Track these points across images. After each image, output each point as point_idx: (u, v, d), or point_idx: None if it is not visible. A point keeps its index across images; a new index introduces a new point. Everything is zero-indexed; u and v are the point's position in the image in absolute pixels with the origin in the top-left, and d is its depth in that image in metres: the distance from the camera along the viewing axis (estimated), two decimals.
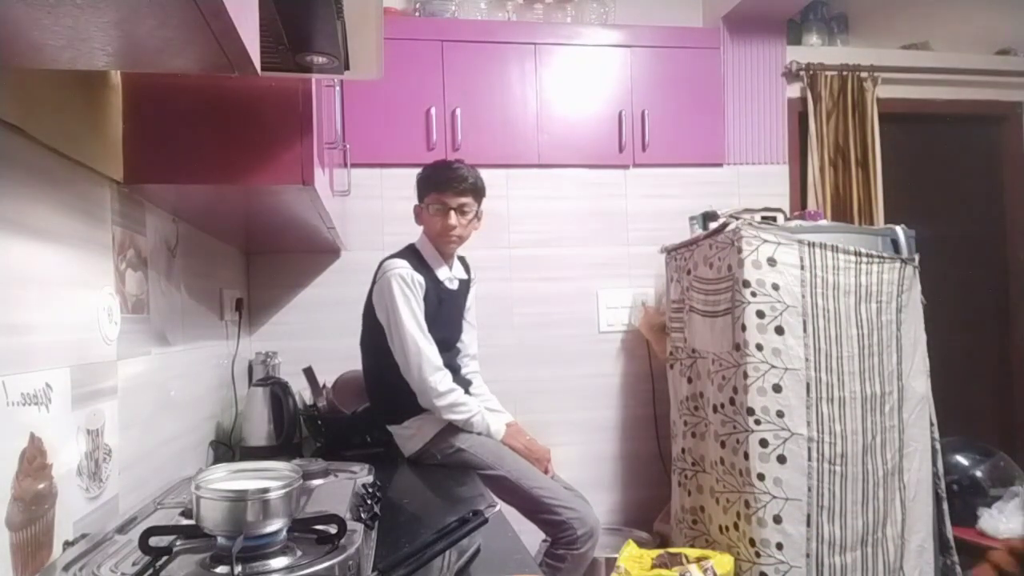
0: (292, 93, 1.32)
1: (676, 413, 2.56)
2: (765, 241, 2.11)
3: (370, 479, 1.39)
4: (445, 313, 2.11)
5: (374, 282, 2.09)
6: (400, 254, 2.09)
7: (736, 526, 2.17)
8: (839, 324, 2.12)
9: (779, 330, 2.09)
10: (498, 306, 2.75)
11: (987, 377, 3.32)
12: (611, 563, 2.12)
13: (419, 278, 2.03)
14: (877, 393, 2.15)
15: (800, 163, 3.06)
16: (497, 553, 1.16)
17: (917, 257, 2.27)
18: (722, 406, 2.22)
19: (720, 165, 2.97)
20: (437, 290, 2.08)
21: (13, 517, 0.87)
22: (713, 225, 2.35)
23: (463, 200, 2.09)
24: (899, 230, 2.30)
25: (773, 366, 2.08)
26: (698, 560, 2.02)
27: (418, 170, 2.17)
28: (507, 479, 1.99)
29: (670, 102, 2.90)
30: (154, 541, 0.87)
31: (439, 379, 1.99)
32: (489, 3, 2.90)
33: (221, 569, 0.84)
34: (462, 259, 2.26)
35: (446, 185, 2.08)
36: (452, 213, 2.07)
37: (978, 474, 2.61)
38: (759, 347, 2.09)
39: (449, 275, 2.14)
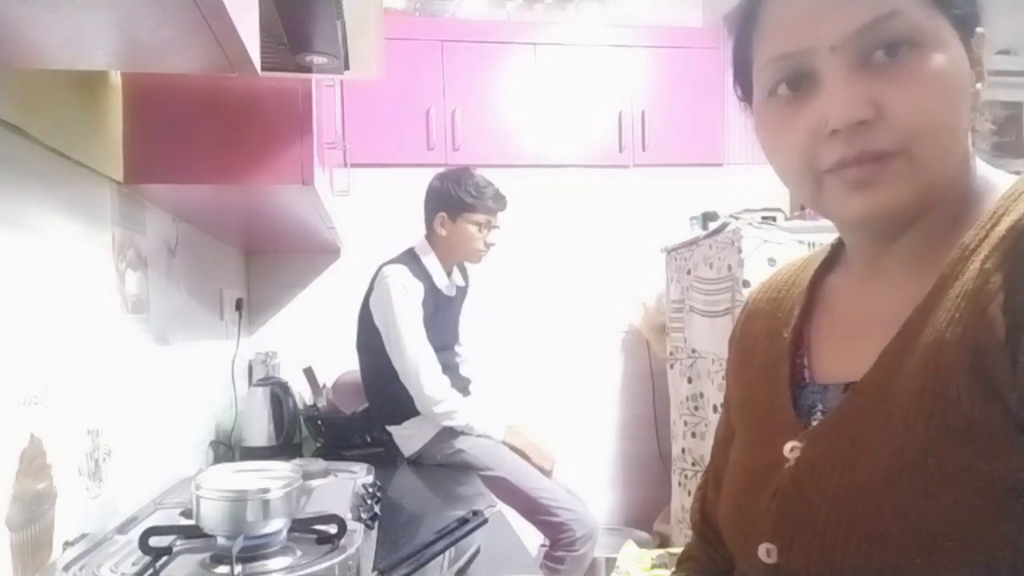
0: (292, 93, 1.33)
1: (676, 413, 2.56)
2: (765, 241, 2.11)
3: (370, 479, 1.39)
4: (441, 318, 2.11)
5: (371, 287, 2.09)
6: (399, 259, 2.09)
7: None
8: None
9: None
10: (497, 307, 2.75)
11: None
12: (611, 563, 2.12)
13: (417, 285, 2.03)
14: None
15: None
16: (497, 553, 1.15)
17: None
18: (722, 406, 2.22)
19: (720, 165, 2.97)
20: (435, 296, 2.08)
21: (13, 517, 0.87)
22: (713, 225, 2.35)
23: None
24: None
25: None
26: None
27: (417, 170, 2.18)
28: (507, 480, 1.99)
29: (670, 102, 2.90)
30: (154, 541, 0.87)
31: (436, 387, 1.98)
32: (489, 3, 2.90)
33: (221, 569, 0.84)
34: (460, 265, 2.25)
35: (498, 204, 2.11)
36: (495, 231, 2.10)
37: None
38: None
39: (447, 282, 2.14)
